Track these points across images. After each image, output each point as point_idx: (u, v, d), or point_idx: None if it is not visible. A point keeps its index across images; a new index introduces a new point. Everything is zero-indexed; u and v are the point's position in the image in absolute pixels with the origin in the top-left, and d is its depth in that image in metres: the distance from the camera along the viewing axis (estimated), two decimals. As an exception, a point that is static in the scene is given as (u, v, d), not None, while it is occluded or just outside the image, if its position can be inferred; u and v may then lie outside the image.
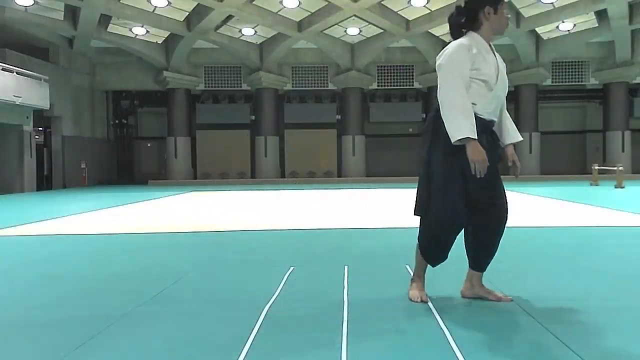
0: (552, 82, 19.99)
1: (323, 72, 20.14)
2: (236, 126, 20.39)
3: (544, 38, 18.52)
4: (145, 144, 22.14)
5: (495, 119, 2.60)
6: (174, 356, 1.95)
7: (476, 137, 2.35)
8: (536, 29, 17.67)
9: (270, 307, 2.57)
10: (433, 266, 2.70)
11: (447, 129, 2.38)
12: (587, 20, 16.83)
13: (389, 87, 20.39)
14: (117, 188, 16.56)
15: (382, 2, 15.44)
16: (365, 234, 5.11)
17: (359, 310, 2.48)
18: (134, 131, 21.88)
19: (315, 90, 20.45)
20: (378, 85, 20.29)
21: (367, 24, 16.81)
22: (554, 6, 15.66)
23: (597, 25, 17.01)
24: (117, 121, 21.09)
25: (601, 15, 16.40)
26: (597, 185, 14.19)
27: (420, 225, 2.66)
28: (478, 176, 2.38)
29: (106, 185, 18.90)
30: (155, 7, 15.31)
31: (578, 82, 20.03)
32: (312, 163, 20.78)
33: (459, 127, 2.34)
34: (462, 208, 2.47)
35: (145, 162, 22.14)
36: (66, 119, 17.84)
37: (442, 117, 2.40)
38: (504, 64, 2.63)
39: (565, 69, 19.90)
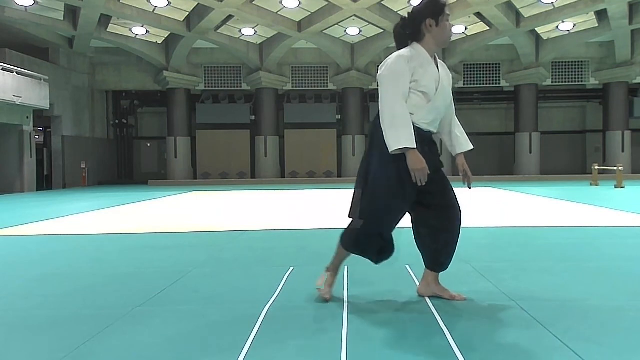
0: (552, 82, 20.00)
1: (323, 72, 20.14)
2: (236, 126, 20.39)
3: (544, 38, 18.52)
4: (145, 144, 22.14)
5: (434, 130, 2.63)
6: (174, 356, 1.95)
7: (415, 147, 2.39)
8: (536, 29, 17.66)
9: (270, 307, 2.57)
10: (376, 263, 2.74)
11: (385, 139, 2.43)
12: (587, 20, 16.83)
13: (389, 87, 20.34)
14: (117, 188, 16.56)
15: (382, 2, 15.43)
16: (365, 234, 5.10)
17: (359, 310, 2.49)
18: (134, 131, 21.89)
19: (315, 90, 20.45)
20: (378, 85, 20.26)
21: (367, 24, 16.81)
22: (554, 6, 15.66)
23: (597, 25, 17.00)
24: (117, 121, 21.09)
25: (601, 15, 16.40)
26: (597, 185, 14.19)
27: (349, 224, 2.68)
28: (419, 184, 2.42)
29: (106, 185, 18.90)
30: (155, 7, 15.31)
31: (578, 82, 20.03)
32: (312, 163, 20.78)
33: (398, 137, 2.39)
34: (394, 214, 2.56)
35: (145, 162, 22.14)
36: (66, 119, 17.84)
37: (382, 126, 2.45)
38: (449, 76, 2.69)
39: (565, 69, 19.90)
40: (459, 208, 2.65)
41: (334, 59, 19.31)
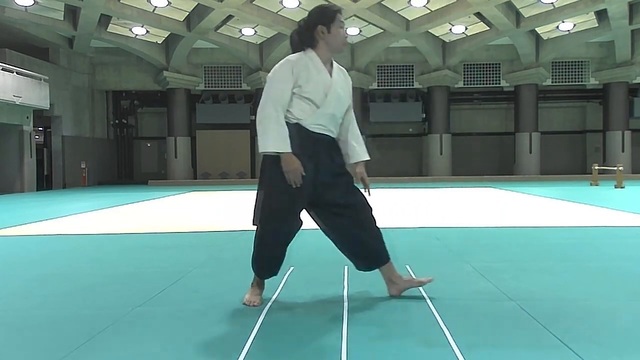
0: (552, 82, 19.99)
1: (323, 72, 20.12)
2: (236, 126, 20.38)
3: (544, 38, 18.52)
4: (145, 144, 22.14)
5: (332, 135, 2.63)
6: (174, 356, 1.95)
7: (287, 150, 2.42)
8: (536, 29, 17.66)
9: (270, 307, 2.57)
10: (261, 278, 2.69)
11: (258, 140, 2.49)
12: (587, 20, 16.83)
13: (389, 87, 20.39)
14: (117, 188, 16.56)
15: (382, 2, 15.43)
16: (365, 234, 5.10)
17: (359, 310, 2.49)
18: (134, 131, 21.88)
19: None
20: (378, 85, 20.29)
21: (367, 24, 16.81)
22: (554, 6, 15.66)
23: (597, 25, 17.00)
24: (117, 121, 21.08)
25: (601, 15, 16.40)
26: (597, 185, 14.19)
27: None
28: (294, 186, 2.44)
29: (106, 185, 18.90)
30: (155, 7, 15.30)
31: (578, 82, 20.03)
32: (312, 163, 20.75)
33: (268, 140, 2.45)
34: (291, 216, 2.55)
35: (145, 162, 22.13)
36: (66, 119, 17.84)
37: (257, 128, 2.50)
38: (348, 83, 2.73)
39: (565, 69, 19.90)
40: (368, 206, 2.66)
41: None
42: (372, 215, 2.68)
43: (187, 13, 16.25)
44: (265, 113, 2.47)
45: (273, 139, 2.43)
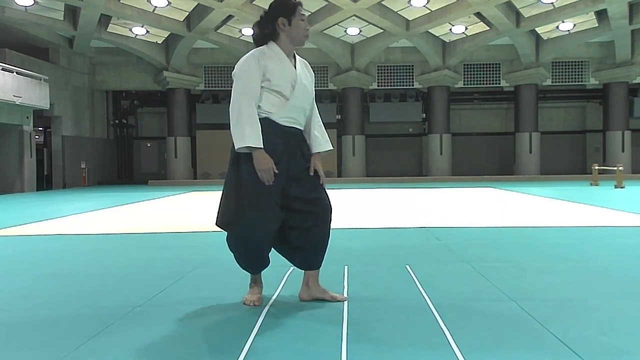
0: (552, 82, 19.99)
1: (323, 72, 20.13)
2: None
3: (544, 38, 18.52)
4: (145, 144, 22.14)
5: (300, 127, 2.63)
6: (174, 356, 1.95)
7: (260, 146, 2.41)
8: (536, 29, 17.66)
9: (270, 307, 2.57)
10: (254, 273, 2.69)
11: (234, 137, 2.46)
12: (587, 20, 16.83)
13: (389, 87, 20.39)
14: (117, 188, 16.56)
15: (382, 2, 15.43)
16: (365, 234, 5.11)
17: (359, 310, 2.49)
18: (134, 131, 21.88)
19: (315, 90, 20.34)
20: (378, 85, 20.29)
21: (367, 24, 16.80)
22: (554, 6, 15.66)
23: (597, 25, 17.00)
24: (117, 121, 21.08)
25: (601, 15, 16.40)
26: (597, 185, 14.19)
27: (228, 235, 2.59)
28: (266, 184, 2.42)
29: (106, 185, 18.90)
30: (155, 7, 15.30)
31: (578, 82, 20.03)
32: (312, 163, 20.76)
33: (242, 136, 2.42)
34: (271, 205, 2.49)
35: (145, 162, 22.13)
36: (66, 119, 17.84)
37: (230, 125, 2.48)
38: (311, 75, 2.72)
39: (565, 69, 19.90)
40: (330, 205, 2.64)
41: (334, 59, 19.31)
42: (331, 217, 2.66)
43: (187, 13, 16.25)
44: (241, 109, 2.45)
45: (249, 135, 2.41)
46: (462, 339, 2.07)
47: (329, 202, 2.65)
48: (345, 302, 2.63)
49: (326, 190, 2.66)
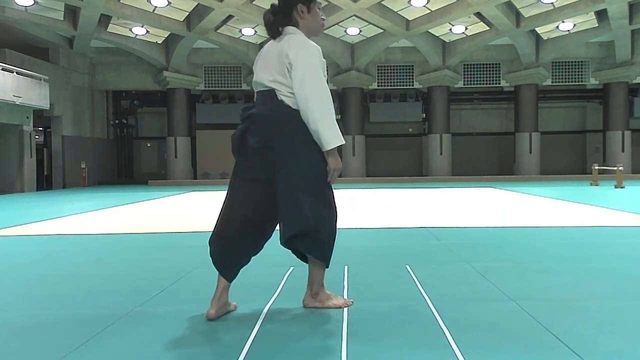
0: (552, 82, 19.99)
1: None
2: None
3: (544, 38, 18.52)
4: (145, 144, 22.14)
5: None
6: (174, 356, 1.95)
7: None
8: (536, 29, 17.66)
9: (270, 307, 2.57)
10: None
11: (322, 134, 2.29)
12: (587, 20, 16.83)
13: (389, 87, 20.39)
14: (117, 188, 16.56)
15: (382, 2, 15.43)
16: (365, 234, 5.11)
17: (359, 310, 2.48)
18: (134, 131, 21.89)
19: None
20: (378, 85, 20.29)
21: (367, 24, 16.81)
22: (554, 6, 15.66)
23: (597, 25, 17.00)
24: (117, 121, 21.08)
25: (601, 15, 16.40)
26: (597, 185, 14.19)
27: (312, 238, 2.37)
28: (332, 183, 2.39)
29: (106, 185, 18.90)
30: (155, 7, 15.30)
31: (578, 82, 20.03)
32: (312, 163, 20.76)
33: (337, 133, 2.33)
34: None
35: (145, 162, 22.13)
36: (66, 119, 17.84)
37: (316, 119, 2.28)
38: None
39: (565, 69, 19.90)
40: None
41: (334, 59, 19.30)
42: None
43: (187, 13, 16.26)
44: (330, 105, 2.33)
45: (338, 131, 2.32)
46: (462, 339, 2.07)
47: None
48: (345, 302, 2.63)
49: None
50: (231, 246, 2.42)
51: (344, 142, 2.36)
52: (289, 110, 2.35)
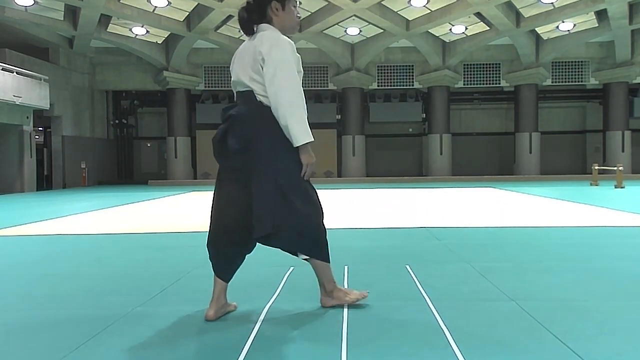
0: (552, 82, 19.99)
1: (323, 72, 20.14)
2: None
3: (544, 38, 18.52)
4: (145, 144, 22.14)
5: None
6: (174, 356, 1.95)
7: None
8: (536, 29, 17.66)
9: (270, 307, 2.57)
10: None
11: (291, 130, 2.27)
12: (587, 20, 16.83)
13: (389, 87, 20.39)
14: (117, 188, 16.56)
15: (382, 2, 15.43)
16: (365, 234, 5.11)
17: (359, 310, 2.48)
18: (134, 131, 21.89)
19: (315, 90, 20.45)
20: (378, 85, 20.29)
21: (367, 24, 16.80)
22: (554, 6, 15.66)
23: (597, 25, 17.00)
24: (117, 121, 21.09)
25: (601, 15, 16.40)
26: (597, 185, 14.19)
27: (307, 235, 2.39)
28: (306, 179, 2.37)
29: (106, 185, 18.90)
30: (155, 7, 15.30)
31: (578, 82, 20.03)
32: (312, 163, 20.76)
33: (307, 130, 2.32)
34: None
35: (145, 162, 22.14)
36: (66, 119, 17.84)
37: (286, 115, 2.27)
38: None
39: (565, 69, 19.90)
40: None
41: (334, 59, 19.31)
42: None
43: (187, 13, 16.25)
44: (302, 101, 2.32)
45: (307, 128, 2.32)
46: (462, 339, 2.07)
47: None
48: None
49: None
50: (223, 247, 2.43)
51: (312, 140, 2.34)
52: (267, 108, 2.34)
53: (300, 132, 2.30)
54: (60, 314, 2.50)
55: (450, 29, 17.59)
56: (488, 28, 17.20)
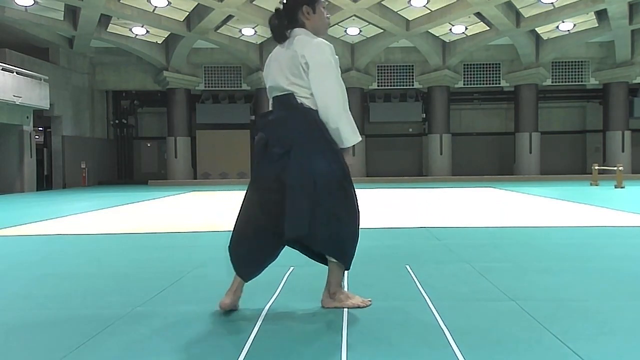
0: (552, 82, 19.99)
1: (323, 72, 20.10)
2: (236, 126, 20.39)
3: (544, 38, 18.52)
4: (145, 144, 22.14)
5: None
6: (174, 356, 1.95)
7: None
8: (536, 29, 17.66)
9: (270, 307, 2.57)
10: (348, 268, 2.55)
11: (342, 132, 2.36)
12: (587, 20, 16.83)
13: (389, 87, 20.39)
14: (117, 188, 16.56)
15: (382, 2, 15.43)
16: (365, 234, 5.09)
17: (359, 311, 2.48)
18: (134, 131, 21.89)
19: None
20: (378, 85, 20.29)
21: (367, 24, 16.80)
22: (554, 6, 15.66)
23: (597, 25, 17.00)
24: (117, 121, 21.09)
25: (601, 15, 16.40)
26: (597, 185, 14.19)
27: (341, 240, 2.41)
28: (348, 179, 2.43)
29: (106, 185, 18.90)
30: (155, 7, 15.30)
31: (578, 82, 20.03)
32: (312, 163, 20.77)
33: (355, 130, 2.39)
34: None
35: (145, 162, 22.13)
36: (66, 119, 17.84)
37: (336, 118, 2.35)
38: None
39: (565, 69, 19.90)
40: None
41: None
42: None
43: (187, 13, 16.25)
44: (346, 102, 2.40)
45: (355, 128, 2.40)
46: (462, 339, 2.07)
47: None
48: (345, 302, 2.62)
49: None
50: (247, 252, 2.47)
51: (360, 139, 2.42)
52: (310, 111, 2.37)
53: (350, 133, 2.38)
54: (60, 314, 2.50)
55: (450, 29, 17.59)
56: (488, 28, 17.20)
